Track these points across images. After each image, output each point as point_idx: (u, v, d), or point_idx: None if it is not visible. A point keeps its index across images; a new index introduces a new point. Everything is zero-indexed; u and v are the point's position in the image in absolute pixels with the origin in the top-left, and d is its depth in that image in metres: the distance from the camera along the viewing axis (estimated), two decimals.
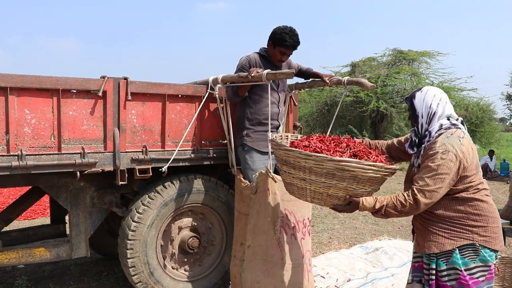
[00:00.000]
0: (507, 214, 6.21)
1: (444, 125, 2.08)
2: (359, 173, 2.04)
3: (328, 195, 2.14)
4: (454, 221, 2.03)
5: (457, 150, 1.97)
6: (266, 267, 2.85)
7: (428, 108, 2.12)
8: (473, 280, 1.98)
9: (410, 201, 1.97)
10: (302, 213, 3.00)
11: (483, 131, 16.60)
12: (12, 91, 2.56)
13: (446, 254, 2.02)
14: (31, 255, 3.00)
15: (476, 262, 1.99)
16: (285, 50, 3.20)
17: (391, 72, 17.35)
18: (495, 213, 2.07)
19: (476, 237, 2.00)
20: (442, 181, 1.95)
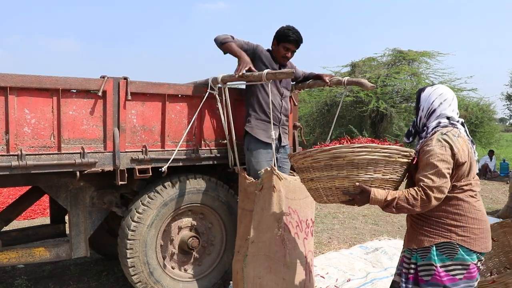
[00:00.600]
0: (506, 214, 6.20)
1: (442, 123, 2.13)
2: (352, 157, 2.04)
3: (337, 188, 2.16)
4: (435, 220, 2.08)
5: (452, 144, 2.01)
6: (268, 263, 2.86)
7: (430, 104, 2.18)
8: (448, 277, 2.02)
9: (422, 195, 1.98)
10: (305, 213, 3.01)
11: (483, 131, 16.61)
12: (12, 91, 2.56)
13: (424, 250, 2.08)
14: (30, 255, 3.00)
15: (454, 260, 2.03)
16: (288, 45, 3.26)
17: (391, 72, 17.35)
18: (478, 215, 2.08)
19: (454, 236, 2.04)
20: (444, 176, 1.98)
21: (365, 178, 2.07)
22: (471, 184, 2.09)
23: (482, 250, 2.07)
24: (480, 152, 16.86)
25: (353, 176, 2.08)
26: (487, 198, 8.68)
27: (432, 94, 2.20)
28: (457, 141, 2.03)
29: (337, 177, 2.11)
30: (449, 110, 2.16)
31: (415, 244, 2.11)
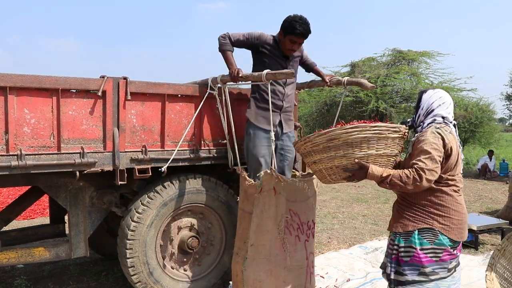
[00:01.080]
0: (506, 214, 6.20)
1: (437, 121, 2.37)
2: (347, 137, 2.29)
3: (337, 166, 2.39)
4: (420, 207, 2.31)
5: (444, 137, 2.25)
6: (269, 266, 2.85)
7: (430, 104, 2.41)
8: (426, 258, 2.27)
9: (414, 175, 2.18)
10: (306, 215, 3.00)
11: (483, 131, 16.62)
12: (11, 90, 2.56)
13: (407, 234, 2.32)
14: (30, 255, 3.00)
15: (433, 244, 2.27)
16: (295, 39, 3.12)
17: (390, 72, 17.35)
18: (459, 208, 2.32)
19: (436, 224, 2.28)
20: (436, 162, 2.20)
21: (361, 155, 2.31)
22: (455, 180, 2.32)
23: (458, 239, 2.31)
24: (479, 152, 16.88)
25: (349, 154, 2.32)
26: (486, 198, 8.69)
27: (433, 96, 2.43)
28: (448, 135, 2.27)
29: (336, 156, 2.35)
30: (446, 111, 2.40)
31: (401, 228, 2.34)
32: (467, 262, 4.37)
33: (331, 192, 8.96)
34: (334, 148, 2.33)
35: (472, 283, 3.80)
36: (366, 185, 10.14)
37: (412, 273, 2.28)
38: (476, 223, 5.10)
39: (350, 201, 8.03)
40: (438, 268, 2.28)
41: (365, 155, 2.31)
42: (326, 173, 2.46)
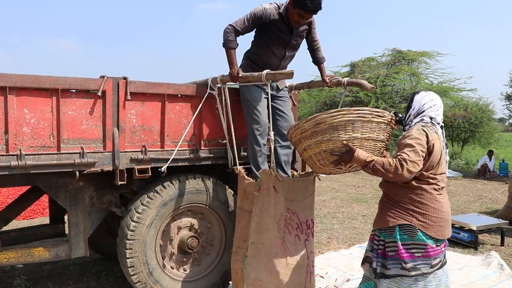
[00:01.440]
0: (506, 214, 6.20)
1: (424, 120, 2.47)
2: (331, 121, 2.42)
3: (324, 151, 2.50)
4: (401, 204, 2.41)
5: (428, 134, 2.35)
6: (269, 265, 2.85)
7: (421, 106, 2.51)
8: (407, 254, 2.36)
9: (396, 164, 2.28)
10: (305, 214, 3.00)
11: (482, 131, 16.62)
12: (11, 90, 2.56)
13: (390, 230, 2.43)
14: (30, 255, 3.00)
15: (414, 240, 2.36)
16: (304, 14, 3.04)
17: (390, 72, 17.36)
18: (438, 206, 2.40)
19: (414, 220, 2.37)
20: (419, 155, 2.29)
21: (346, 137, 2.42)
22: (437, 179, 2.40)
23: (438, 236, 2.38)
24: (479, 152, 16.88)
25: (335, 137, 2.43)
26: (486, 198, 8.69)
27: (425, 98, 2.54)
28: (433, 134, 2.37)
29: (323, 140, 2.47)
30: (435, 113, 2.50)
31: (384, 224, 2.46)
32: (466, 262, 4.37)
33: (331, 192, 8.97)
34: (321, 132, 2.46)
35: (472, 283, 3.80)
36: (366, 185, 10.14)
37: (395, 268, 2.38)
38: (475, 223, 5.11)
39: (350, 201, 8.03)
40: (420, 263, 2.36)
41: (350, 138, 2.42)
42: (316, 159, 2.57)
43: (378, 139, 2.50)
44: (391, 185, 2.48)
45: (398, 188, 2.43)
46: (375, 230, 2.57)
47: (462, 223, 5.23)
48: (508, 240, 5.32)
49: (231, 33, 3.09)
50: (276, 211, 2.85)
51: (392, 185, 2.46)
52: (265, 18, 3.12)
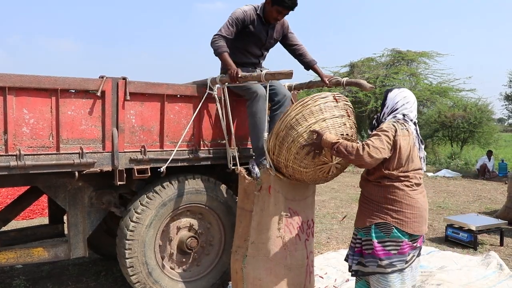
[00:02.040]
0: (505, 215, 6.20)
1: (397, 117, 2.52)
2: (285, 124, 2.62)
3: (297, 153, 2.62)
4: (376, 204, 2.49)
5: (396, 129, 2.41)
6: (269, 265, 2.85)
7: (394, 103, 2.57)
8: (384, 251, 2.43)
9: (358, 147, 2.36)
10: (306, 214, 3.01)
11: (481, 132, 16.61)
12: (10, 90, 2.56)
13: (367, 228, 2.52)
14: (29, 255, 3.00)
15: (390, 237, 2.43)
16: (282, 10, 3.23)
17: (389, 72, 17.37)
18: (412, 202, 2.45)
19: (389, 218, 2.43)
20: (383, 143, 2.35)
21: (303, 129, 2.58)
22: (408, 176, 2.46)
23: (414, 232, 2.44)
24: (478, 152, 16.87)
25: (295, 134, 2.59)
26: (485, 198, 8.70)
27: (398, 95, 2.59)
28: (401, 131, 2.42)
29: (289, 144, 2.62)
30: (408, 110, 2.55)
31: (361, 223, 2.56)
32: (466, 262, 4.37)
33: (330, 193, 8.97)
34: (284, 138, 2.62)
35: (471, 283, 3.80)
36: None
37: (372, 265, 2.47)
38: (475, 223, 5.11)
39: (349, 201, 8.04)
40: (396, 260, 2.43)
41: (307, 128, 2.56)
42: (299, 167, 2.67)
43: (335, 116, 2.62)
44: (366, 184, 2.57)
45: (372, 187, 2.51)
46: (355, 229, 2.69)
47: (462, 223, 5.24)
48: (507, 240, 5.32)
49: (219, 40, 3.17)
50: (277, 210, 2.85)
51: (368, 184, 2.55)
52: (246, 20, 3.25)
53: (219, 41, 3.16)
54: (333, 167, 2.73)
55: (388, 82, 16.81)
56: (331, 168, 2.74)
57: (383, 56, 18.62)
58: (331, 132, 2.58)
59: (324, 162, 2.66)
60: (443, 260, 4.39)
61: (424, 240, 2.61)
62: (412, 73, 17.81)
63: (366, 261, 2.50)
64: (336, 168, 2.77)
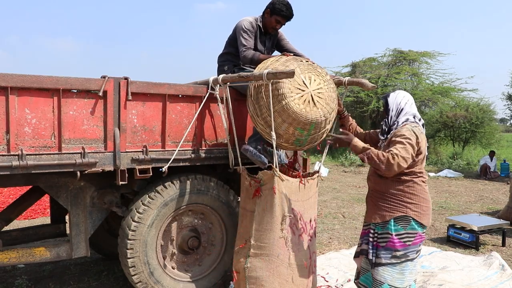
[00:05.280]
0: (507, 215, 6.19)
1: (409, 120, 2.67)
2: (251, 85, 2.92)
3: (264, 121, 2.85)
4: (394, 198, 2.62)
5: (417, 135, 2.57)
6: (271, 265, 2.85)
7: (398, 105, 2.72)
8: (400, 243, 2.59)
9: (389, 157, 2.47)
10: (309, 214, 3.01)
11: (483, 132, 16.58)
12: (12, 90, 2.56)
13: (385, 222, 2.64)
14: (31, 255, 3.00)
15: (407, 229, 2.60)
16: (280, 19, 3.48)
17: (391, 72, 17.35)
18: (426, 196, 2.66)
19: (409, 211, 2.60)
20: (408, 152, 2.50)
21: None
22: (423, 172, 2.67)
23: (427, 224, 2.66)
24: (480, 152, 16.84)
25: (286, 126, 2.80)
26: (487, 198, 8.68)
27: (397, 97, 2.75)
28: (421, 136, 2.60)
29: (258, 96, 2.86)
30: (413, 108, 2.73)
31: (379, 219, 2.65)
32: (467, 262, 4.36)
33: (332, 193, 8.97)
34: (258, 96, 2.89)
35: (473, 283, 3.80)
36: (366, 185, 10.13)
37: (385, 257, 2.61)
38: (477, 224, 5.10)
39: (351, 201, 8.03)
40: (410, 251, 2.61)
41: (261, 70, 2.85)
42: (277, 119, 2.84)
43: (286, 60, 2.92)
44: (380, 181, 2.67)
45: (390, 183, 2.63)
46: (370, 225, 2.74)
47: (463, 223, 5.23)
48: (509, 240, 5.31)
49: (249, 50, 3.39)
50: (279, 211, 2.85)
51: (383, 180, 2.65)
52: (254, 30, 3.50)
53: (249, 52, 3.38)
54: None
55: (390, 82, 16.79)
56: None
57: (384, 56, 18.62)
58: (292, 63, 2.84)
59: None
60: (445, 261, 4.39)
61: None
62: (414, 73, 17.80)
63: (379, 253, 2.64)
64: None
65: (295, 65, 2.88)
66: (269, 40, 3.65)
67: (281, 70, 2.90)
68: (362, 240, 2.83)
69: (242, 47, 3.39)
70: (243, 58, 3.40)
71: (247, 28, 3.44)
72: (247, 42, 3.41)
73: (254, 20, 3.52)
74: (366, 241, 2.76)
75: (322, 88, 2.90)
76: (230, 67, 3.55)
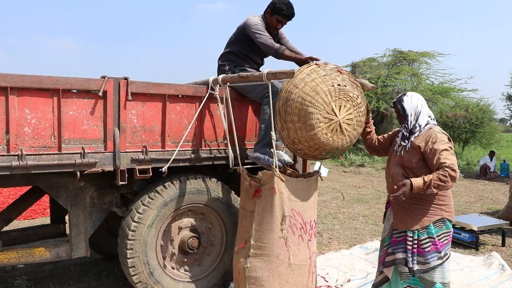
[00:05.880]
0: (507, 215, 6.19)
1: (430, 122, 2.74)
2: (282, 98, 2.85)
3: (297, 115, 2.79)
4: (430, 202, 2.65)
5: (448, 137, 2.68)
6: (271, 265, 2.85)
7: (415, 108, 2.75)
8: (441, 243, 2.67)
9: (450, 172, 2.49)
10: (309, 214, 3.00)
11: (483, 132, 16.59)
12: (12, 91, 2.56)
13: (425, 228, 2.66)
14: (31, 255, 3.00)
15: (443, 230, 2.69)
16: (281, 19, 3.49)
17: (391, 72, 17.35)
18: (451, 194, 2.76)
19: (444, 213, 2.68)
20: (454, 155, 2.60)
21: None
22: None
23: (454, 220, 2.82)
24: (480, 152, 16.85)
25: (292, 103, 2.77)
26: (487, 198, 8.68)
27: (412, 100, 2.77)
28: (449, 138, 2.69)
29: (290, 115, 2.81)
30: (427, 108, 2.78)
31: (419, 225, 2.65)
32: (467, 262, 4.37)
33: (332, 193, 8.97)
34: (286, 111, 2.80)
35: (473, 283, 3.80)
36: (366, 185, 10.14)
37: (433, 260, 2.64)
38: (476, 224, 5.10)
39: (351, 201, 8.03)
40: (447, 249, 2.71)
41: (299, 92, 2.74)
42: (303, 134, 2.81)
43: (321, 75, 2.78)
44: None
45: None
46: (406, 232, 2.70)
47: (463, 223, 5.23)
48: (509, 240, 5.31)
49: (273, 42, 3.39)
50: (279, 211, 2.85)
51: None
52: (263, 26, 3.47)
53: (274, 43, 3.36)
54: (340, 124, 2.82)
55: (390, 82, 16.79)
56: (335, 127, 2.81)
57: (384, 56, 18.62)
58: (322, 87, 2.71)
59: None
60: None
61: None
62: (414, 73, 17.80)
63: (426, 259, 2.64)
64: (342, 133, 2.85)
65: (326, 91, 2.74)
66: (272, 36, 3.61)
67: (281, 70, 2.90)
68: (395, 248, 2.75)
69: (265, 38, 3.35)
70: (269, 48, 3.35)
71: (260, 24, 3.43)
72: (266, 34, 3.39)
73: (259, 18, 3.52)
74: (402, 250, 2.71)
75: (352, 114, 2.84)
76: (231, 67, 3.54)
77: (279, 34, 3.69)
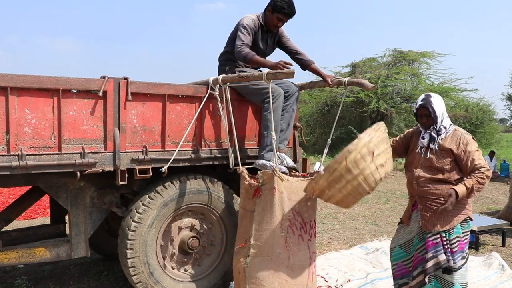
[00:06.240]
0: (507, 215, 6.19)
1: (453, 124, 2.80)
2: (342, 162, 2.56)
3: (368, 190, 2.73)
4: (458, 202, 2.64)
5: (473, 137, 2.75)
6: (271, 265, 2.85)
7: (442, 109, 2.76)
8: (464, 243, 2.74)
9: (486, 173, 2.60)
10: (309, 215, 3.00)
11: (483, 132, 16.62)
12: (12, 91, 2.56)
13: (453, 228, 2.71)
14: (31, 255, 3.00)
15: (465, 228, 2.74)
16: (282, 17, 3.44)
17: (391, 72, 17.33)
18: None
19: (468, 212, 2.75)
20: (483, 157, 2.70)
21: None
22: None
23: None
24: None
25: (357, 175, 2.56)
26: (487, 198, 8.68)
27: (440, 102, 2.76)
28: None
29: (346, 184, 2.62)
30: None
31: (449, 226, 2.69)
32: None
33: None
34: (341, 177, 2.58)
35: (473, 283, 3.80)
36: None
37: (459, 259, 2.69)
38: (476, 224, 5.10)
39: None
40: (467, 247, 2.76)
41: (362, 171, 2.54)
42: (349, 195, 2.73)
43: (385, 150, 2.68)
44: (446, 186, 2.68)
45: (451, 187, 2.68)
46: (440, 233, 2.71)
47: None
48: (509, 240, 5.31)
49: (244, 47, 3.31)
50: (279, 211, 2.85)
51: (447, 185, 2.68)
52: (255, 27, 3.44)
53: (244, 49, 3.31)
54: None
55: (390, 82, 16.79)
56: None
57: (384, 56, 18.62)
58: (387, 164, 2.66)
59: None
60: None
61: None
62: (414, 73, 17.79)
63: (454, 259, 2.68)
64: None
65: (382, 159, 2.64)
66: (271, 38, 3.61)
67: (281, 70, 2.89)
68: (435, 251, 2.71)
69: (239, 42, 3.33)
70: (237, 53, 3.33)
71: (248, 25, 3.38)
72: (245, 38, 3.34)
73: (256, 17, 3.48)
74: (440, 251, 2.69)
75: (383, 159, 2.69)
76: (231, 67, 3.53)
77: (280, 33, 3.66)
